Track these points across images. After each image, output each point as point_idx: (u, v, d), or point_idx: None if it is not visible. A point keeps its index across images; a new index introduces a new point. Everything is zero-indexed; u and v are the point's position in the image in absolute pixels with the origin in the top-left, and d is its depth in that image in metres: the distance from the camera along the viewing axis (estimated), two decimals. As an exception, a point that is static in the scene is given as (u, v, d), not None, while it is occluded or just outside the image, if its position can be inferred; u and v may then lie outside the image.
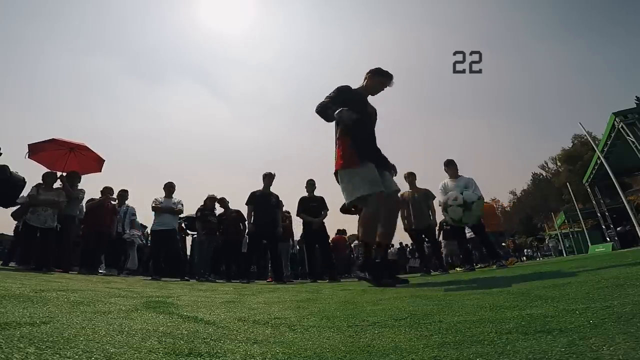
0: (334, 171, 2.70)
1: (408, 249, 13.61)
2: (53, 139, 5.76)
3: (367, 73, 2.83)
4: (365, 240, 2.58)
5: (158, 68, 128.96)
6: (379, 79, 2.79)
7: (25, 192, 5.00)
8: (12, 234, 8.45)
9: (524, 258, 20.93)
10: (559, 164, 42.96)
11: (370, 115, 2.79)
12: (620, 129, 8.45)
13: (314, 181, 5.98)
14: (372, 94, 2.84)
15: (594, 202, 13.34)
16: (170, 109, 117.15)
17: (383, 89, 2.82)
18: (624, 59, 59.74)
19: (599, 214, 13.32)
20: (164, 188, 5.94)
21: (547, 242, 21.90)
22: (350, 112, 2.42)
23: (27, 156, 5.57)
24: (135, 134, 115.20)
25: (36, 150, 5.70)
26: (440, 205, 2.94)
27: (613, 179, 9.60)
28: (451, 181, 5.26)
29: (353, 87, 2.80)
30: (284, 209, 7.06)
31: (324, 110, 2.57)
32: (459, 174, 5.29)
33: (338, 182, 2.69)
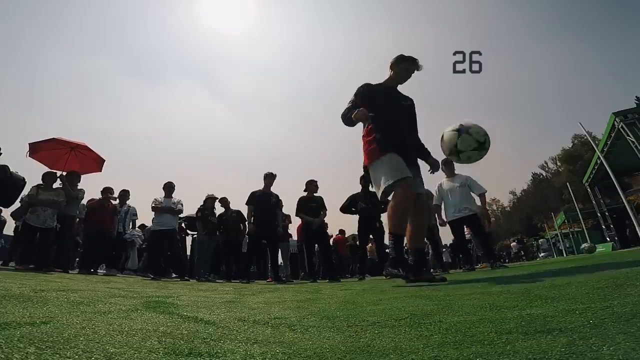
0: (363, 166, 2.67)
1: (405, 249, 13.60)
2: (53, 138, 5.76)
3: (391, 62, 2.70)
4: (394, 232, 2.38)
5: (158, 68, 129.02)
6: (402, 65, 2.64)
7: (25, 192, 5.00)
8: (12, 234, 8.47)
9: (524, 258, 20.94)
10: (559, 164, 42.99)
11: (400, 107, 2.63)
12: (620, 129, 8.45)
13: (313, 181, 5.98)
14: (401, 83, 2.70)
15: (594, 202, 13.35)
16: (170, 109, 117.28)
17: (410, 75, 2.67)
18: (624, 59, 59.91)
19: (599, 214, 13.32)
20: (163, 188, 5.94)
21: (540, 243, 21.75)
22: (363, 111, 2.38)
23: (27, 155, 5.57)
24: (135, 134, 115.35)
25: (36, 150, 5.70)
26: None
27: (613, 179, 9.60)
28: (447, 181, 5.25)
29: (374, 83, 2.68)
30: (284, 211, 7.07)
31: (345, 118, 2.55)
32: (456, 172, 5.29)
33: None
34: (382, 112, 2.49)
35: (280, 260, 6.87)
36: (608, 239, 12.62)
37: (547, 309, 0.90)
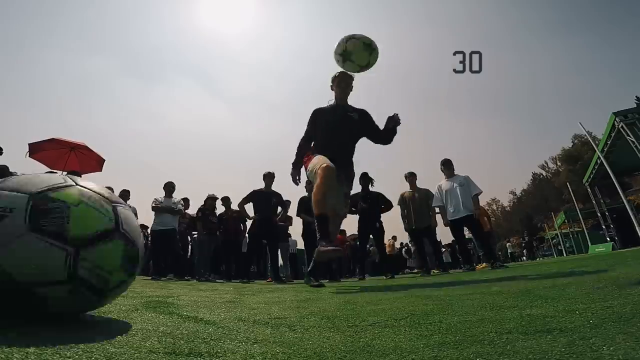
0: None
1: (405, 249, 13.62)
2: (53, 138, 5.77)
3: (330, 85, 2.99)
4: (318, 212, 2.46)
5: (158, 68, 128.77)
6: (335, 83, 2.92)
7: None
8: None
9: (524, 258, 20.94)
10: (559, 163, 43.07)
11: (344, 121, 2.86)
12: (620, 129, 8.45)
13: (309, 180, 5.97)
14: (344, 97, 2.93)
15: (594, 202, 13.33)
16: (170, 108, 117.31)
17: (348, 88, 2.91)
18: (624, 59, 60.05)
19: (599, 214, 13.31)
20: (163, 188, 5.95)
21: (507, 246, 21.69)
22: (292, 174, 3.05)
23: (27, 155, 5.58)
24: (135, 134, 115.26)
25: (37, 150, 5.71)
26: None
27: (613, 179, 9.59)
28: (447, 181, 5.28)
29: (324, 105, 2.99)
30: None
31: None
32: (455, 173, 5.32)
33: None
34: (324, 131, 2.87)
35: (280, 260, 6.87)
36: (608, 239, 12.61)
37: (547, 309, 0.90)
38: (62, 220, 0.71)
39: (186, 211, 6.86)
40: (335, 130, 2.82)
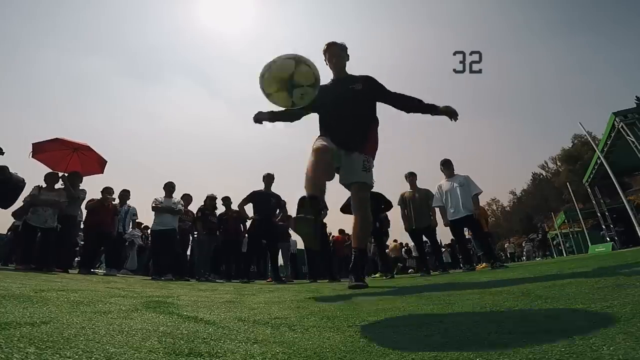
0: None
1: (404, 249, 13.62)
2: (57, 138, 5.77)
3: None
4: (308, 193, 2.13)
5: (157, 68, 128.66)
6: (326, 62, 2.72)
7: (26, 192, 5.01)
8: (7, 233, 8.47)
9: (524, 258, 20.93)
10: (559, 164, 43.10)
11: (345, 92, 2.64)
12: (620, 129, 8.45)
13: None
14: (340, 71, 2.73)
15: (594, 202, 13.33)
16: (170, 109, 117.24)
17: (338, 62, 2.72)
18: (624, 59, 60.12)
19: (599, 214, 13.31)
20: (163, 188, 5.94)
21: (507, 247, 21.74)
22: (256, 115, 2.72)
23: (30, 155, 5.59)
24: (134, 134, 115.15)
25: (40, 150, 5.71)
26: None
27: (613, 179, 9.59)
28: (447, 181, 5.27)
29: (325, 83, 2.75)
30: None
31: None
32: (455, 173, 5.31)
33: None
34: (326, 108, 2.65)
35: (280, 260, 6.88)
36: (608, 239, 12.61)
37: (547, 309, 0.90)
38: None
39: (189, 208, 6.85)
40: (337, 107, 2.61)
